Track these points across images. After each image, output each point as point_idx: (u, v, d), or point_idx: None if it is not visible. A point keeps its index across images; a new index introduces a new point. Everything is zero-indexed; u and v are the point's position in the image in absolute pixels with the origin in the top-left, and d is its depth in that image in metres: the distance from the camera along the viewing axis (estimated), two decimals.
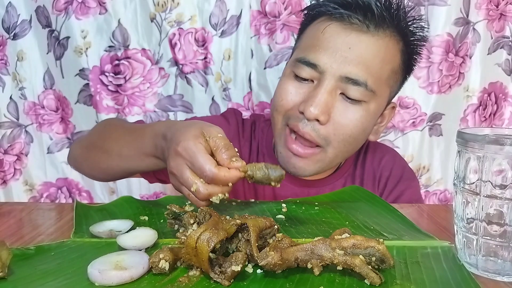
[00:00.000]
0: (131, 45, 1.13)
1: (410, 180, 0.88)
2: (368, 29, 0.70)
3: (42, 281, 0.42)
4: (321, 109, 0.69)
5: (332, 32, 0.71)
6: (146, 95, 1.16)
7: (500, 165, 0.43)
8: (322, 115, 0.69)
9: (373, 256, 0.43)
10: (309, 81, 0.73)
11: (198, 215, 0.49)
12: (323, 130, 0.71)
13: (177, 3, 1.11)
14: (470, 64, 1.17)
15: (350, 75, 0.69)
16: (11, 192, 1.22)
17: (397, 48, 0.73)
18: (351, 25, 0.70)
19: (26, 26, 1.14)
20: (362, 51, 0.70)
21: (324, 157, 0.74)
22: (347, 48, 0.69)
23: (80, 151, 0.82)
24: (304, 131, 0.71)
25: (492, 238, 0.45)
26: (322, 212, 0.62)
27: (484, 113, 1.21)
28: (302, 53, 0.74)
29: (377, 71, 0.71)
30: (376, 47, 0.70)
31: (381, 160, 0.87)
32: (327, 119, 0.70)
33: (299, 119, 0.72)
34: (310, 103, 0.69)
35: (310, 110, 0.69)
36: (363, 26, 0.70)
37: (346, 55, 0.69)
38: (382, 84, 0.73)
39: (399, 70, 0.75)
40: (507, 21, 1.16)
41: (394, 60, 0.73)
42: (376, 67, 0.71)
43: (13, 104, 1.18)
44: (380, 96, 0.73)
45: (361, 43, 0.70)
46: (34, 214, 0.64)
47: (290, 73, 0.75)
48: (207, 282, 0.42)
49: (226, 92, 1.17)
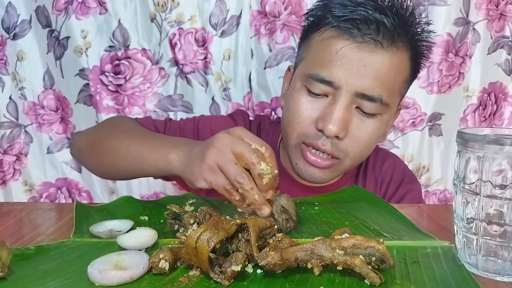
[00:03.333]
0: (131, 45, 1.13)
1: (411, 184, 0.88)
2: (382, 46, 0.69)
3: (42, 281, 0.42)
4: (340, 126, 0.69)
5: (345, 48, 0.69)
6: (146, 95, 1.16)
7: (500, 165, 0.43)
8: (341, 131, 0.70)
9: (373, 256, 0.43)
10: (322, 95, 0.72)
11: (198, 215, 0.49)
12: (341, 145, 0.72)
13: (177, 3, 1.11)
14: (470, 64, 1.17)
15: (366, 91, 0.69)
16: (11, 192, 1.22)
17: (407, 57, 0.73)
18: (363, 41, 0.68)
19: (26, 26, 1.14)
20: (377, 67, 0.69)
21: (342, 167, 0.76)
22: (362, 65, 0.69)
23: (85, 144, 0.80)
24: (324, 148, 0.72)
25: (492, 238, 0.45)
26: (322, 212, 0.62)
27: (484, 113, 1.21)
28: (314, 68, 0.72)
29: (391, 85, 0.71)
30: (389, 61, 0.70)
31: (383, 165, 0.88)
32: (345, 135, 0.71)
33: (318, 136, 0.72)
34: (329, 121, 0.69)
35: (329, 128, 0.69)
36: (376, 43, 0.68)
37: (361, 72, 0.69)
38: (395, 95, 0.74)
39: (409, 78, 0.76)
40: (507, 21, 1.16)
41: (405, 70, 0.74)
42: (390, 81, 0.71)
43: (12, 104, 1.18)
44: (392, 106, 0.74)
45: (376, 59, 0.69)
46: (34, 214, 0.64)
47: (302, 88, 0.74)
48: (207, 282, 0.42)
49: (226, 92, 1.17)
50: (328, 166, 0.74)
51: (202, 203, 0.63)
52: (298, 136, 0.74)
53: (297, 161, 0.77)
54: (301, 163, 0.76)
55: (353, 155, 0.74)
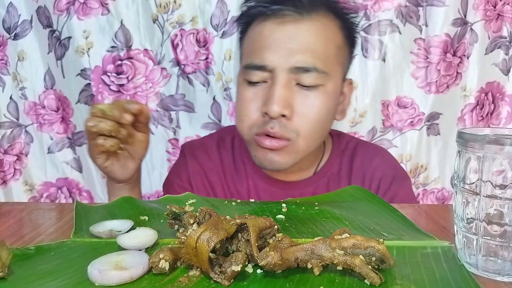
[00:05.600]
0: (133, 46, 1.13)
1: (403, 180, 0.88)
2: (302, 16, 0.71)
3: (42, 281, 0.42)
4: (283, 105, 0.70)
5: (269, 29, 0.72)
6: (148, 95, 1.17)
7: (500, 165, 0.43)
8: (285, 109, 0.71)
9: (373, 256, 0.43)
10: (262, 82, 0.74)
11: (198, 215, 0.49)
12: (290, 124, 0.72)
13: (179, 4, 1.11)
14: (467, 64, 1.18)
15: (298, 64, 0.70)
16: (11, 192, 1.22)
17: (335, 25, 0.75)
18: (285, 18, 0.71)
19: (27, 26, 1.14)
20: (303, 38, 0.71)
21: (298, 148, 0.75)
22: (288, 39, 0.71)
23: None
24: (274, 131, 0.72)
25: (492, 238, 0.45)
26: (322, 212, 0.62)
27: (482, 112, 1.21)
28: (248, 59, 0.75)
29: (323, 53, 0.72)
30: (314, 30, 0.72)
31: (372, 161, 0.87)
32: (291, 113, 0.71)
33: (266, 123, 0.72)
34: (271, 102, 0.70)
35: (273, 108, 0.70)
36: (296, 15, 0.71)
37: (289, 47, 0.70)
38: (332, 63, 0.74)
39: (344, 45, 0.77)
40: (505, 21, 1.16)
41: (336, 37, 0.75)
42: (321, 49, 0.72)
43: (13, 104, 1.18)
44: (333, 75, 0.74)
45: (300, 30, 0.71)
46: (34, 214, 0.64)
47: (243, 81, 0.76)
48: (207, 282, 0.42)
49: (227, 92, 1.17)
50: (282, 147, 0.74)
51: (202, 203, 0.63)
52: (249, 128, 0.75)
53: (255, 153, 0.77)
54: (258, 153, 0.76)
55: (306, 133, 0.74)
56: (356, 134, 1.19)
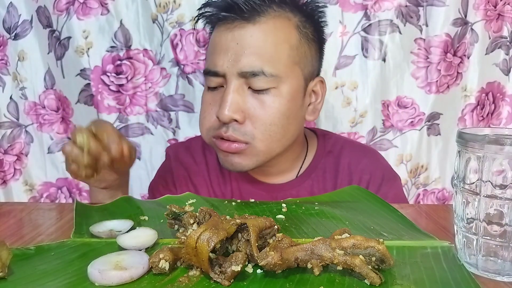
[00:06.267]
0: (133, 46, 1.13)
1: (392, 180, 0.86)
2: (248, 21, 0.71)
3: (42, 281, 0.42)
4: (233, 109, 0.70)
5: (219, 36, 0.74)
6: (148, 95, 1.17)
7: (500, 165, 0.43)
8: (236, 114, 0.71)
9: (373, 256, 0.43)
10: (219, 87, 0.75)
11: (198, 215, 0.49)
12: (243, 129, 0.72)
13: (178, 4, 1.11)
14: (468, 64, 1.18)
15: (245, 68, 0.70)
16: (11, 192, 1.22)
17: (289, 25, 0.74)
18: (233, 23, 0.72)
19: (27, 26, 1.14)
20: (249, 41, 0.71)
21: (257, 151, 0.74)
22: (235, 44, 0.71)
23: None
24: (227, 135, 0.72)
25: (492, 238, 0.45)
26: (322, 212, 0.62)
27: (482, 112, 1.21)
28: (205, 65, 0.77)
29: (272, 55, 0.72)
30: (261, 33, 0.71)
31: (360, 162, 0.85)
32: (243, 117, 0.71)
33: (220, 127, 0.73)
34: (222, 107, 0.71)
35: (223, 113, 0.70)
36: (242, 20, 0.71)
37: (235, 51, 0.71)
38: (284, 64, 0.73)
39: (300, 44, 0.75)
40: (505, 21, 1.16)
41: (289, 37, 0.74)
42: (269, 51, 0.71)
43: (13, 104, 1.18)
44: (288, 76, 0.73)
45: (245, 34, 0.71)
46: (34, 214, 0.64)
47: (205, 88, 0.78)
48: (207, 282, 0.42)
49: None
50: (239, 150, 0.73)
51: (202, 203, 0.63)
52: (207, 132, 0.76)
53: (218, 155, 0.79)
54: (220, 155, 0.78)
55: (261, 136, 0.73)
56: (357, 134, 1.19)
